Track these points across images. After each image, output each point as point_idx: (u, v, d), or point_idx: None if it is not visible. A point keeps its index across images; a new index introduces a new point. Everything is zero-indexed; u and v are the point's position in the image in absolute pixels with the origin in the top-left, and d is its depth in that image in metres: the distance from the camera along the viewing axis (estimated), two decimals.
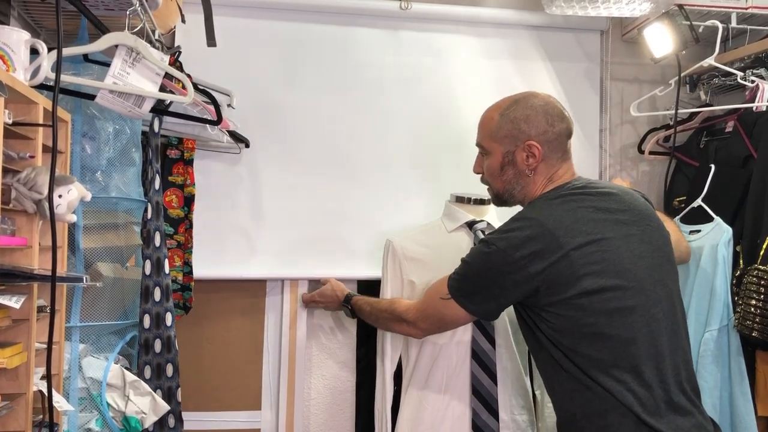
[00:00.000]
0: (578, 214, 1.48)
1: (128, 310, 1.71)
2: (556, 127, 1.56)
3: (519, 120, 1.57)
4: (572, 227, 1.44)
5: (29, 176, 1.21)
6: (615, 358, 1.41)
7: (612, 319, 1.42)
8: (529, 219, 1.49)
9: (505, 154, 1.59)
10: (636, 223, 1.52)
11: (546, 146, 1.55)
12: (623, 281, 1.43)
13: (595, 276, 1.42)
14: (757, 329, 1.79)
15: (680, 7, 2.09)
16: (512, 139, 1.57)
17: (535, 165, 1.56)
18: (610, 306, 1.42)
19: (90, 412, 1.53)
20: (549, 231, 1.43)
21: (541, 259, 1.42)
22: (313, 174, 2.24)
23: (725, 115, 2.19)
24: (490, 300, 1.52)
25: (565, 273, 1.41)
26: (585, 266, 1.42)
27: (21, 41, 1.26)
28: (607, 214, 1.50)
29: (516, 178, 1.59)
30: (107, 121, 1.65)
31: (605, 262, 1.43)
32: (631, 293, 1.43)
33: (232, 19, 2.20)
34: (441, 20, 2.32)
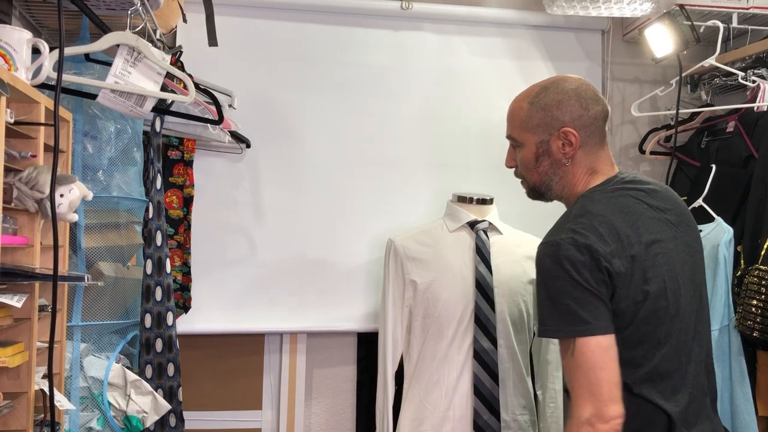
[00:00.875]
0: (637, 210, 1.37)
1: (129, 310, 1.71)
2: (591, 111, 1.43)
3: (551, 106, 1.44)
4: (636, 225, 1.33)
5: (31, 175, 1.22)
6: (653, 366, 1.32)
7: (656, 325, 1.32)
8: (595, 215, 1.33)
9: (539, 144, 1.46)
10: (680, 225, 1.42)
11: (582, 131, 1.42)
12: (673, 286, 1.34)
13: (653, 281, 1.31)
14: (757, 329, 1.79)
15: (681, 7, 2.09)
16: (545, 127, 1.44)
17: (572, 153, 1.43)
18: (659, 313, 1.32)
19: (91, 411, 1.54)
20: (617, 229, 1.30)
21: (615, 257, 1.28)
22: (314, 173, 2.24)
23: (726, 115, 2.19)
24: (597, 301, 1.27)
25: (630, 275, 1.29)
26: (648, 269, 1.31)
27: (23, 40, 1.26)
28: (660, 213, 1.40)
29: (553, 169, 1.46)
30: (109, 121, 1.65)
31: (662, 266, 1.33)
32: (675, 299, 1.34)
33: (234, 19, 2.20)
34: (442, 20, 2.33)
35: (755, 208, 1.91)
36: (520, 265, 1.93)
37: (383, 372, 1.95)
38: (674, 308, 1.33)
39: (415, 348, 1.90)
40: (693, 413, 1.34)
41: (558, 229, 1.34)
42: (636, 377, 1.30)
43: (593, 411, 1.22)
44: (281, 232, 2.22)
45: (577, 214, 1.35)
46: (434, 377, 1.86)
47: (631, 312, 1.29)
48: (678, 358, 1.34)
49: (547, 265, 1.30)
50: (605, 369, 1.23)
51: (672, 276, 1.34)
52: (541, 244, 1.34)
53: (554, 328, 1.28)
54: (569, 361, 1.26)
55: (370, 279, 2.23)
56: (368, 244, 2.24)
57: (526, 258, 1.96)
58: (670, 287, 1.33)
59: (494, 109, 2.35)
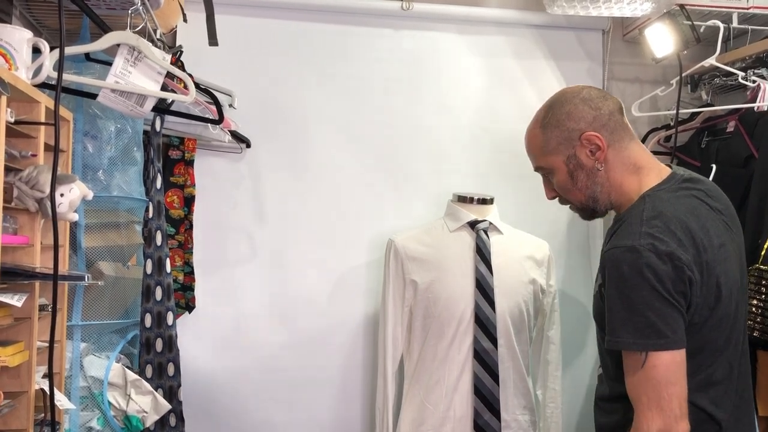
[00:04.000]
0: (703, 212, 1.32)
1: (129, 309, 1.71)
2: (603, 109, 1.39)
3: (563, 120, 1.41)
4: (706, 228, 1.29)
5: (31, 175, 1.22)
6: (709, 373, 1.29)
7: (720, 332, 1.29)
8: (670, 217, 1.26)
9: (567, 162, 1.41)
10: (733, 227, 1.39)
11: (604, 131, 1.37)
12: (734, 291, 1.31)
13: (724, 287, 1.28)
14: (757, 329, 1.79)
15: (681, 7, 2.08)
16: (567, 142, 1.40)
17: (603, 156, 1.38)
18: (724, 319, 1.29)
19: (91, 411, 1.54)
20: (692, 233, 1.25)
21: (694, 263, 1.23)
22: (315, 173, 2.24)
23: (726, 115, 2.19)
24: (677, 313, 1.22)
25: (706, 282, 1.25)
26: (720, 275, 1.27)
27: (23, 40, 1.26)
28: (719, 215, 1.36)
29: (591, 179, 1.40)
30: (109, 120, 1.66)
31: (729, 272, 1.30)
32: (735, 305, 1.31)
33: (234, 18, 2.20)
34: (442, 20, 2.33)
35: (755, 208, 1.91)
36: (520, 265, 1.94)
37: (383, 372, 1.95)
38: (734, 314, 1.31)
39: (416, 348, 1.91)
40: (737, 417, 1.32)
41: (632, 233, 1.25)
42: (691, 385, 1.24)
43: (662, 426, 1.19)
44: (281, 232, 2.22)
45: (650, 216, 1.27)
46: (434, 377, 1.86)
47: (703, 319, 1.25)
48: (730, 364, 1.31)
49: (624, 273, 1.23)
50: (677, 384, 1.20)
51: (734, 281, 1.31)
52: (616, 248, 1.26)
53: (629, 340, 1.22)
54: (639, 374, 1.21)
55: (370, 278, 2.23)
56: (368, 244, 2.24)
57: (527, 258, 1.96)
58: (733, 293, 1.30)
59: (494, 108, 2.35)
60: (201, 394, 2.14)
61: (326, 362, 2.25)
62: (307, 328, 2.23)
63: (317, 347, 2.24)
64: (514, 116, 2.35)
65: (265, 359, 2.20)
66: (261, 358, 2.20)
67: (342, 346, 2.25)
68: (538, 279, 1.94)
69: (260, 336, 2.20)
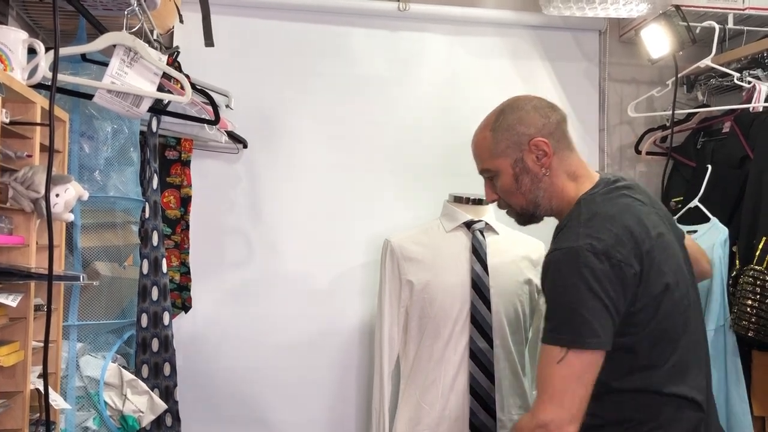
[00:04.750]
0: (637, 207, 1.37)
1: (126, 309, 1.71)
2: (551, 118, 1.46)
3: (513, 125, 1.46)
4: (642, 221, 1.33)
5: (26, 175, 1.22)
6: (678, 360, 1.32)
7: (676, 317, 1.33)
8: (606, 216, 1.32)
9: (514, 165, 1.46)
10: (666, 219, 1.45)
11: (551, 138, 1.44)
12: (681, 277, 1.36)
13: (668, 274, 1.32)
14: (753, 329, 1.80)
15: (677, 8, 2.09)
16: (516, 146, 1.45)
17: (548, 162, 1.43)
18: (677, 305, 1.33)
19: (87, 411, 1.54)
20: (629, 227, 1.29)
21: (633, 256, 1.27)
22: (312, 174, 2.25)
23: (722, 115, 2.20)
24: (608, 316, 1.25)
25: (648, 270, 1.28)
26: (662, 263, 1.31)
27: (18, 41, 1.26)
28: (651, 208, 1.41)
29: (535, 184, 1.45)
30: (105, 121, 1.66)
31: (671, 258, 1.35)
32: (686, 289, 1.36)
33: (231, 19, 2.21)
34: (439, 21, 2.33)
35: (750, 209, 1.91)
36: (516, 266, 1.94)
37: (379, 372, 1.96)
38: (686, 299, 1.36)
39: (412, 348, 1.91)
40: (709, 402, 1.38)
41: (571, 235, 1.30)
42: (661, 378, 1.30)
43: (555, 420, 1.22)
44: (278, 233, 2.22)
45: (587, 217, 1.33)
46: (430, 377, 1.86)
47: (653, 308, 1.29)
48: (696, 346, 1.37)
49: (563, 273, 1.27)
50: (586, 386, 1.24)
51: (678, 267, 1.37)
52: (557, 250, 1.31)
53: (556, 335, 1.26)
54: (554, 367, 1.24)
55: (366, 279, 2.24)
56: (365, 244, 2.24)
57: (523, 258, 1.96)
58: (680, 278, 1.35)
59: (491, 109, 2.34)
60: (197, 394, 2.15)
61: (322, 362, 2.25)
62: (304, 329, 2.24)
63: (313, 347, 2.25)
64: None
65: (261, 359, 2.21)
66: (257, 359, 2.21)
67: (338, 346, 2.26)
68: (533, 279, 1.94)
69: (256, 336, 2.21)
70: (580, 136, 2.39)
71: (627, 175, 2.43)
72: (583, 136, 2.39)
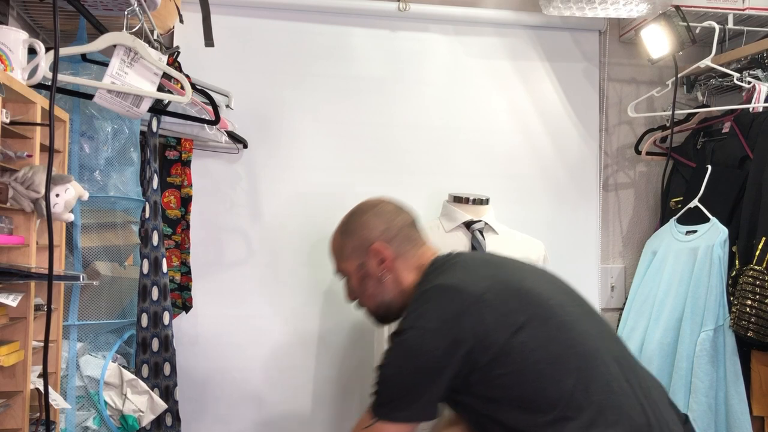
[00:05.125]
0: (470, 265, 1.43)
1: (126, 309, 1.71)
2: (394, 222, 1.52)
3: (357, 230, 1.53)
4: (475, 273, 1.37)
5: (26, 175, 1.22)
6: (592, 403, 1.25)
7: (552, 353, 1.29)
8: (431, 288, 1.36)
9: (358, 269, 1.52)
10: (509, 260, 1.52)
11: (393, 242, 1.49)
12: (551, 305, 1.34)
13: (530, 303, 1.32)
14: (752, 329, 1.80)
15: (677, 8, 2.09)
16: (359, 251, 1.51)
17: (389, 266, 1.48)
18: (558, 330, 1.31)
19: (87, 411, 1.54)
20: (454, 287, 1.33)
21: (463, 315, 1.28)
22: (312, 173, 2.25)
23: (722, 116, 2.20)
24: (427, 392, 1.29)
25: (492, 319, 1.28)
26: (523, 296, 1.33)
27: (19, 41, 1.26)
28: (492, 257, 1.53)
29: (380, 287, 1.49)
30: (106, 121, 1.66)
31: (534, 291, 1.35)
32: (560, 317, 1.33)
33: (232, 19, 2.21)
34: (439, 21, 2.33)
35: (750, 209, 1.92)
36: None
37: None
38: (573, 325, 1.32)
39: None
40: (659, 419, 1.28)
41: (408, 315, 1.34)
42: (581, 427, 1.22)
43: None
44: (278, 232, 2.22)
45: (419, 296, 1.37)
46: None
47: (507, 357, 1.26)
48: (605, 380, 1.28)
49: (396, 350, 1.31)
50: None
51: (547, 293, 1.36)
52: (395, 333, 1.33)
53: (377, 401, 1.30)
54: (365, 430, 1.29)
55: None
56: None
57: (522, 258, 1.96)
58: (553, 305, 1.33)
59: (491, 109, 2.36)
60: (197, 394, 2.15)
61: (323, 362, 2.25)
62: (304, 329, 2.24)
63: (314, 347, 2.25)
64: (510, 117, 2.37)
65: (261, 359, 2.21)
66: (257, 359, 2.21)
67: (338, 346, 2.26)
68: None
69: (257, 336, 2.21)
70: (580, 136, 2.40)
71: (627, 175, 2.45)
72: (582, 136, 2.40)
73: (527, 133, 2.37)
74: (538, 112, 2.38)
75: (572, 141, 2.39)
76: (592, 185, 2.41)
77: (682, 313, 1.98)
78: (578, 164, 2.39)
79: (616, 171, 2.45)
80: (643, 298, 2.15)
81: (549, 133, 2.38)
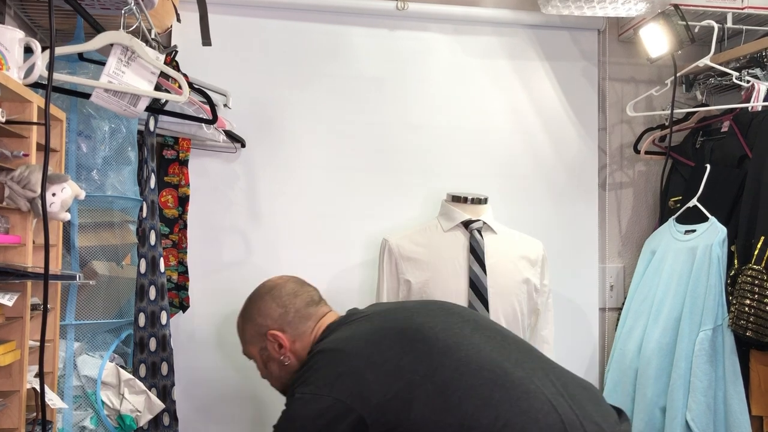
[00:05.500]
0: (356, 322, 1.45)
1: (124, 309, 1.71)
2: (291, 306, 1.52)
3: (254, 316, 1.54)
4: (358, 329, 1.41)
5: (23, 174, 1.22)
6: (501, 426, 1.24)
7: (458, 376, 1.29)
8: (314, 354, 1.39)
9: (260, 353, 1.54)
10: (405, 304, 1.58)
11: (289, 328, 1.50)
12: (448, 342, 1.34)
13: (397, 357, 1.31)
14: (751, 329, 1.79)
15: (676, 7, 2.09)
16: (258, 336, 1.53)
17: (287, 351, 1.50)
18: (457, 365, 1.30)
19: (85, 410, 1.54)
20: (333, 349, 1.37)
21: (341, 376, 1.30)
22: (309, 173, 2.25)
23: (721, 115, 2.19)
24: None
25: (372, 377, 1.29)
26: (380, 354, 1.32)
27: (15, 40, 1.26)
28: (393, 305, 1.58)
29: (282, 370, 1.52)
30: (103, 120, 1.66)
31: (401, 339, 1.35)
32: (459, 352, 1.33)
33: (230, 18, 2.21)
34: (437, 20, 2.33)
35: (749, 208, 1.91)
36: (514, 265, 1.94)
37: None
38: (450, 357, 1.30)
39: None
40: (585, 416, 1.27)
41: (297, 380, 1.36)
42: None
43: None
44: (276, 232, 2.22)
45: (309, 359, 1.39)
46: None
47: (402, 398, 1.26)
48: (500, 390, 1.26)
49: (287, 411, 1.34)
50: None
51: (446, 332, 1.35)
52: (290, 390, 1.36)
53: None
54: None
55: (364, 280, 2.24)
56: (363, 244, 2.24)
57: (521, 258, 1.96)
58: (450, 338, 1.34)
59: (489, 108, 2.36)
60: (195, 394, 2.15)
61: None
62: None
63: None
64: (508, 116, 2.36)
65: None
66: None
67: None
68: (531, 278, 1.94)
69: None
70: (579, 136, 2.39)
71: (626, 174, 2.44)
72: (581, 135, 2.39)
73: (526, 133, 2.37)
74: (536, 112, 2.37)
75: (571, 140, 2.39)
76: (591, 184, 2.40)
77: (681, 313, 1.97)
78: (577, 163, 2.39)
79: (615, 170, 2.45)
80: (642, 298, 2.15)
81: (548, 133, 2.38)
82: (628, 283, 2.33)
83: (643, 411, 1.99)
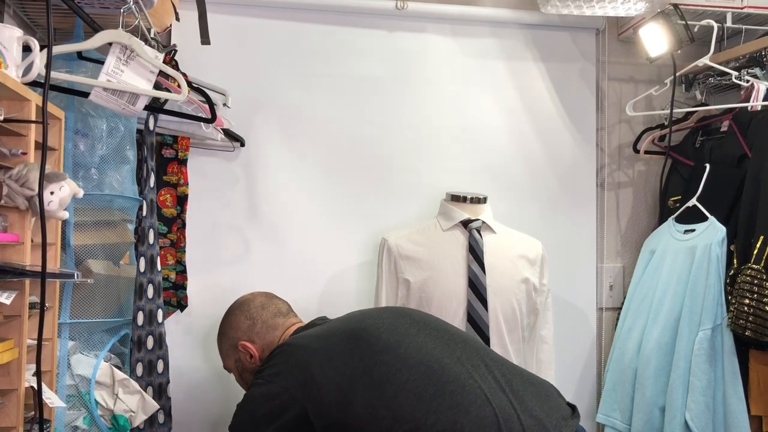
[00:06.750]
0: (314, 326, 1.56)
1: (121, 308, 1.71)
2: (258, 318, 1.63)
3: (227, 330, 1.66)
4: (313, 330, 1.52)
5: (21, 173, 1.22)
6: None
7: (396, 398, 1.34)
8: (274, 350, 1.51)
9: (236, 364, 1.66)
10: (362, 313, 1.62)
11: (257, 338, 1.61)
12: (400, 350, 1.40)
13: (342, 355, 1.41)
14: (750, 328, 1.79)
15: (675, 6, 2.09)
16: (232, 348, 1.65)
17: (257, 360, 1.61)
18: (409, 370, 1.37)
19: (78, 410, 1.52)
20: (289, 344, 1.49)
21: (293, 366, 1.41)
22: (308, 172, 2.25)
23: (720, 114, 2.19)
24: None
25: (318, 370, 1.38)
26: (326, 351, 1.42)
27: (13, 38, 1.26)
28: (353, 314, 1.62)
29: None
30: (101, 119, 1.65)
31: (348, 340, 1.44)
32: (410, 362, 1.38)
33: (229, 18, 2.21)
34: (437, 19, 2.33)
35: (748, 207, 1.91)
36: (513, 264, 1.94)
37: None
38: (390, 354, 1.38)
39: None
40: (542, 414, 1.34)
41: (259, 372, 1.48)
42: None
43: None
44: (274, 232, 2.22)
45: (263, 369, 1.48)
46: None
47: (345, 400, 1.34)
48: (436, 385, 1.33)
49: (246, 395, 1.48)
50: None
51: (376, 331, 1.43)
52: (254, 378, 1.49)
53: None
54: None
55: (363, 279, 2.23)
56: (362, 243, 2.24)
57: (520, 257, 1.96)
58: (401, 346, 1.39)
59: (489, 108, 2.35)
60: (192, 393, 2.15)
61: None
62: None
63: None
64: (508, 115, 2.36)
65: None
66: None
67: None
68: (530, 278, 1.94)
69: None
70: (578, 135, 2.39)
71: (625, 173, 2.44)
72: (581, 135, 2.39)
73: (525, 132, 2.36)
74: (535, 111, 2.37)
75: (570, 140, 2.39)
76: (590, 184, 2.40)
77: (680, 312, 1.97)
78: (576, 163, 2.39)
79: (615, 170, 2.45)
80: (641, 297, 2.14)
81: (547, 132, 2.38)
82: (627, 283, 2.33)
83: (642, 410, 1.99)
